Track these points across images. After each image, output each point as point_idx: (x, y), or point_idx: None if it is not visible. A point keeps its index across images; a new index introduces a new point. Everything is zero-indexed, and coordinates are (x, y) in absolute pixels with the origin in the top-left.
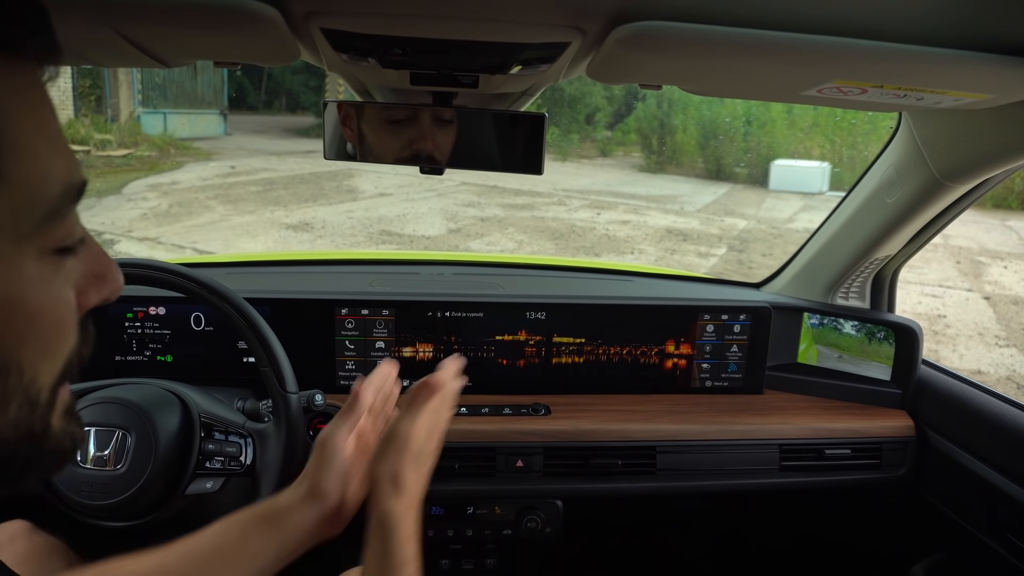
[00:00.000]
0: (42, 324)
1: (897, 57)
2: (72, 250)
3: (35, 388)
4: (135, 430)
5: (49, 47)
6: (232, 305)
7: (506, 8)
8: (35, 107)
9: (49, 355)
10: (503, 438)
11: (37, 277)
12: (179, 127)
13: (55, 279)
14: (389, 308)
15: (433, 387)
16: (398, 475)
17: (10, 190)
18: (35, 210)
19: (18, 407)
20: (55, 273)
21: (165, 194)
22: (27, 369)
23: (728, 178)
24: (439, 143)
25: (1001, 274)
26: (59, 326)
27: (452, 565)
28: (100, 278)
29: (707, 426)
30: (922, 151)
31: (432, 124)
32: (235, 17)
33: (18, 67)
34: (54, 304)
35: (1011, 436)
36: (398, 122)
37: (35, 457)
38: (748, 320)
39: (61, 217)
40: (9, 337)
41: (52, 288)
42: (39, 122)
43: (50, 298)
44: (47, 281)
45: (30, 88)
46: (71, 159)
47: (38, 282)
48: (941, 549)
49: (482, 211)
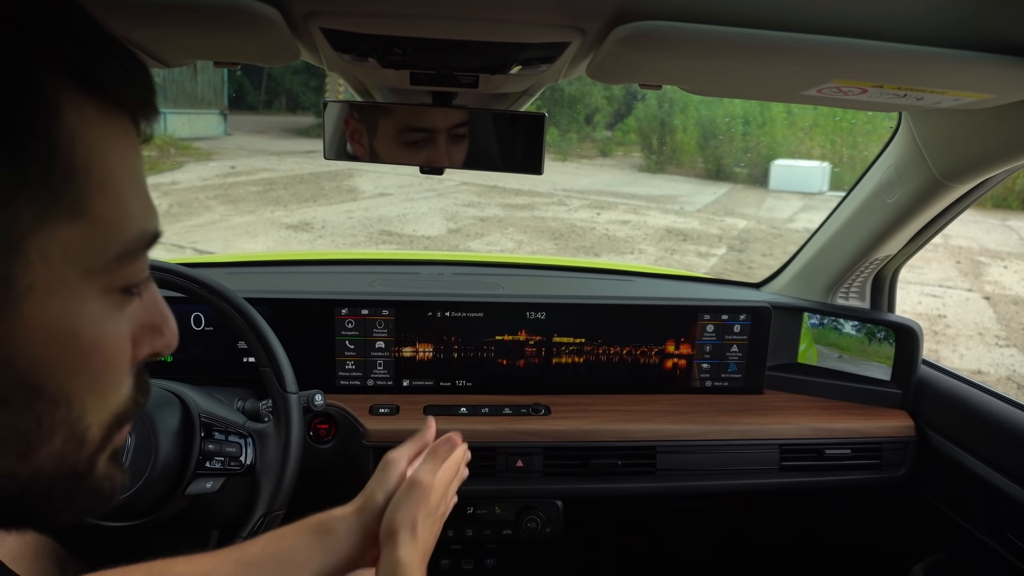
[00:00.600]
0: (97, 360)
1: (897, 57)
2: (136, 293)
3: (82, 424)
4: (135, 430)
5: (147, 102)
6: (232, 305)
7: (506, 8)
8: (126, 153)
9: (99, 392)
10: (503, 438)
11: (98, 312)
12: (179, 127)
13: (115, 317)
14: (389, 308)
15: (454, 443)
16: (416, 523)
17: (90, 225)
18: (110, 248)
19: (63, 440)
20: (116, 311)
21: (165, 194)
22: (76, 404)
23: (728, 178)
24: (450, 147)
25: (1001, 274)
26: (113, 365)
27: (452, 565)
28: (156, 330)
29: (707, 426)
30: (922, 151)
31: (428, 125)
32: (235, 17)
33: (116, 113)
34: (111, 342)
35: (1011, 436)
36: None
37: (74, 494)
38: (748, 320)
39: (132, 259)
40: (62, 369)
41: (110, 326)
42: (128, 168)
43: (108, 335)
44: (107, 318)
45: (124, 135)
46: (151, 209)
47: (99, 317)
48: (941, 549)
49: (482, 211)
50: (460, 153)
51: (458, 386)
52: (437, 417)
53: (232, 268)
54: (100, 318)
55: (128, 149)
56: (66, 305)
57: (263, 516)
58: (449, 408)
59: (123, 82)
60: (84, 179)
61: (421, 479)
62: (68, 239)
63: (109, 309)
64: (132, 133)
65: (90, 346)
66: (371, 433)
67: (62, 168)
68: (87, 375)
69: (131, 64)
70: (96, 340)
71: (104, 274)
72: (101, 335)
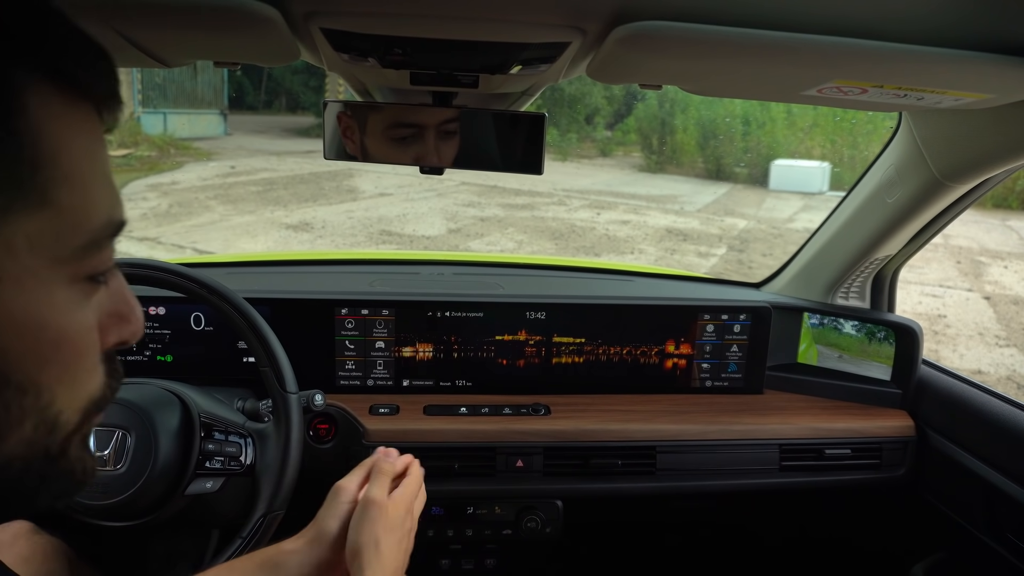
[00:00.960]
0: (65, 349)
1: (897, 57)
2: (102, 281)
3: (51, 411)
4: (135, 430)
5: (111, 94)
6: (232, 305)
7: (506, 8)
8: (91, 143)
9: (68, 381)
10: (503, 438)
11: (65, 302)
12: (179, 127)
13: (82, 307)
14: (389, 308)
15: (389, 454)
16: (379, 542)
17: (56, 216)
18: (76, 238)
19: (34, 427)
20: (83, 300)
21: (165, 194)
22: (45, 392)
23: (728, 178)
24: (440, 144)
25: (1001, 274)
26: (81, 354)
27: (452, 565)
28: (123, 319)
29: (707, 426)
30: (922, 151)
31: (428, 125)
32: (235, 17)
33: (81, 104)
34: (79, 330)
35: (1011, 436)
36: (400, 124)
37: (47, 475)
38: (748, 320)
39: (99, 248)
40: (31, 358)
41: (78, 315)
42: (93, 158)
43: (75, 324)
44: (75, 307)
45: (89, 126)
46: (116, 198)
47: (65, 307)
48: (941, 549)
49: (482, 211)
50: (460, 153)
51: (458, 386)
52: (437, 417)
53: (232, 268)
54: (67, 307)
55: (93, 140)
56: (33, 295)
57: (263, 516)
58: (449, 408)
59: (87, 73)
60: (50, 170)
61: (373, 497)
62: (34, 230)
63: (76, 298)
64: (97, 124)
65: (57, 335)
66: (371, 433)
67: (28, 159)
68: (56, 364)
69: (95, 55)
70: (63, 329)
71: (71, 263)
72: (68, 324)
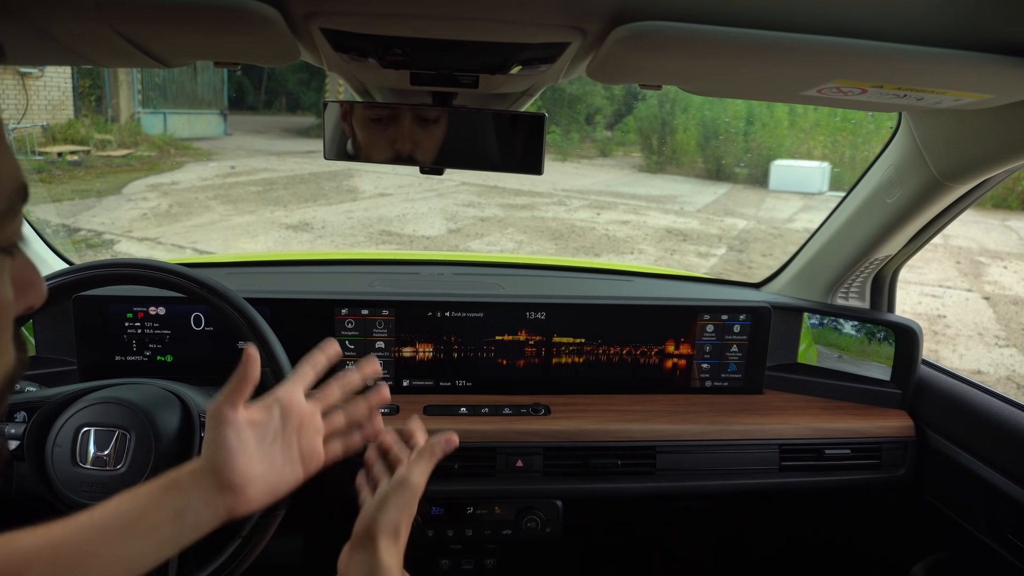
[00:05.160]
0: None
1: (897, 57)
2: (11, 252)
3: None
4: (135, 430)
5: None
6: (232, 305)
7: (506, 8)
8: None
9: None
10: (503, 438)
11: None
12: (179, 127)
13: (2, 279)
14: (389, 308)
15: (453, 444)
16: (400, 528)
17: None
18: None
19: None
20: (2, 273)
21: (165, 194)
22: None
23: (728, 178)
24: (440, 144)
25: (1001, 274)
26: (3, 325)
27: (452, 565)
28: (29, 284)
29: (707, 426)
30: (922, 151)
31: (428, 125)
32: (235, 17)
33: None
34: (2, 302)
35: (1011, 436)
36: (400, 124)
37: None
38: (748, 320)
39: (14, 214)
40: None
41: (2, 288)
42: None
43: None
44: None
45: None
46: (16, 163)
47: None
48: (941, 549)
49: (482, 211)
50: (460, 153)
51: (458, 386)
52: (437, 417)
53: (232, 268)
54: None
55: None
56: None
57: (263, 515)
58: (449, 408)
59: None
60: None
61: (414, 480)
62: None
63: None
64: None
65: None
66: None
67: None
68: None
69: None
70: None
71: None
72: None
